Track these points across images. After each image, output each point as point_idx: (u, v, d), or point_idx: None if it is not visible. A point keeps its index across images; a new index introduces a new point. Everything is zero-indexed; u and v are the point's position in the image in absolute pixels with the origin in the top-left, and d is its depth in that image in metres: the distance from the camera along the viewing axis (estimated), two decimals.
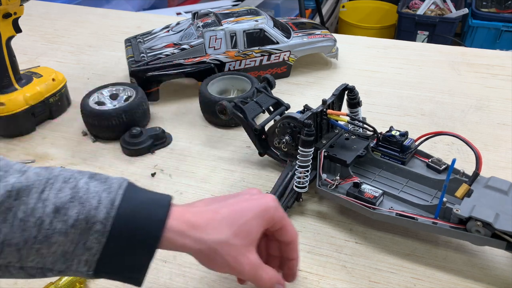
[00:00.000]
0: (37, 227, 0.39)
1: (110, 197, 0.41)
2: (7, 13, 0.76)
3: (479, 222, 0.51)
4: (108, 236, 0.40)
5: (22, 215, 0.39)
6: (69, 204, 0.40)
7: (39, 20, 1.34)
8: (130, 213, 0.41)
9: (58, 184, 0.41)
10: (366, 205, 0.58)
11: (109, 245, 0.41)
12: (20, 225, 0.39)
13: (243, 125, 0.72)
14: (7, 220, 0.39)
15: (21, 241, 0.39)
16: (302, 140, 0.60)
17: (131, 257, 0.42)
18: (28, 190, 0.40)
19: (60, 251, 0.41)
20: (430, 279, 0.55)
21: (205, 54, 0.90)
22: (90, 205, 0.41)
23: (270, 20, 0.94)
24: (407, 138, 0.64)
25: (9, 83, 0.81)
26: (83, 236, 0.40)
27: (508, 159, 0.74)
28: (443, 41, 2.38)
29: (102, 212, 0.41)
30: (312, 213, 0.65)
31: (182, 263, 0.58)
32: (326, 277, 0.56)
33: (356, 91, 0.70)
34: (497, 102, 0.89)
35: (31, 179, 0.41)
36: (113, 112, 0.78)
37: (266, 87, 0.77)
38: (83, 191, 0.41)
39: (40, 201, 0.40)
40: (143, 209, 0.42)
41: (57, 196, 0.40)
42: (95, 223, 0.40)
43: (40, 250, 0.40)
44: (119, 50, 1.13)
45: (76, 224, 0.40)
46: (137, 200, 0.43)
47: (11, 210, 0.39)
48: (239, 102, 0.71)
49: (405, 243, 0.60)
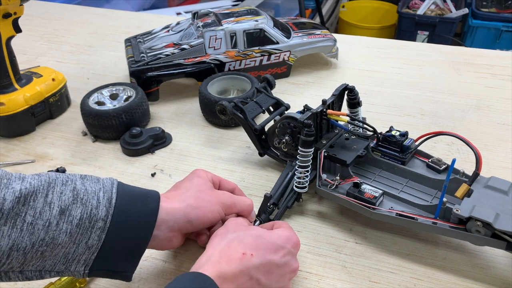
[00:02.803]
0: (45, 229, 0.42)
1: (106, 196, 0.45)
2: (7, 13, 0.76)
3: (479, 222, 0.51)
4: (107, 232, 0.44)
5: (30, 219, 0.41)
6: (72, 205, 0.43)
7: (39, 20, 1.34)
8: (124, 208, 0.46)
9: (58, 187, 0.44)
10: (366, 205, 0.58)
11: (108, 240, 0.45)
12: (28, 229, 0.41)
13: (243, 125, 0.72)
14: (16, 225, 0.41)
15: (29, 245, 0.41)
16: (302, 140, 0.60)
17: (126, 249, 0.46)
18: (34, 194, 0.42)
19: (62, 253, 0.43)
20: (430, 279, 0.55)
21: (205, 54, 0.90)
22: (91, 205, 0.44)
23: (270, 20, 0.94)
24: (407, 138, 0.64)
25: (9, 83, 0.81)
26: (85, 235, 0.44)
27: (508, 159, 0.73)
28: (443, 41, 2.38)
29: (102, 210, 0.44)
30: (312, 213, 0.65)
31: (182, 263, 0.58)
32: (326, 277, 0.56)
33: (356, 91, 0.70)
34: (497, 102, 0.89)
35: (34, 184, 0.42)
36: (113, 112, 0.78)
37: (266, 87, 0.77)
38: (82, 192, 0.44)
39: (46, 204, 0.42)
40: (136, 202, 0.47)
41: (60, 199, 0.43)
42: (97, 220, 0.44)
43: (44, 253, 0.42)
44: (119, 50, 1.13)
45: (80, 224, 0.43)
46: (129, 195, 0.47)
47: (19, 215, 0.41)
48: (239, 102, 0.71)
49: (405, 243, 0.60)
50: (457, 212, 0.52)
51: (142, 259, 0.59)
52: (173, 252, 0.60)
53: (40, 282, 0.55)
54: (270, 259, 0.47)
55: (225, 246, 0.46)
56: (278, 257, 0.48)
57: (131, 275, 0.48)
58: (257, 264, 0.46)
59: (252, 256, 0.46)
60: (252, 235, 0.48)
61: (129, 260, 0.47)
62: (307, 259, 0.58)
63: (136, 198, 0.48)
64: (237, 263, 0.45)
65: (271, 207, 0.61)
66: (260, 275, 0.46)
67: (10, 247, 0.41)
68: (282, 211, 0.62)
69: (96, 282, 0.56)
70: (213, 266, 0.44)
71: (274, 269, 0.47)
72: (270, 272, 0.47)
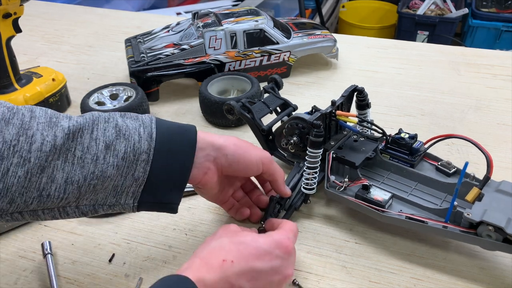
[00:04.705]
0: (94, 163, 0.45)
1: (147, 131, 0.48)
2: (7, 13, 0.76)
3: (490, 226, 0.50)
4: (151, 164, 0.48)
5: (79, 154, 0.45)
6: (116, 140, 0.46)
7: (39, 20, 1.34)
8: (165, 141, 0.49)
9: (102, 124, 0.47)
10: (376, 207, 0.57)
11: (152, 172, 0.48)
12: (79, 163, 0.45)
13: (250, 126, 0.70)
14: (67, 159, 0.44)
15: (81, 178, 0.45)
16: (311, 141, 0.59)
17: (170, 180, 0.49)
18: (81, 131, 0.45)
19: (111, 186, 0.47)
20: (430, 279, 0.55)
21: (205, 54, 0.90)
22: (133, 139, 0.47)
23: (270, 20, 0.94)
24: (416, 140, 0.63)
25: (9, 83, 0.81)
26: (131, 168, 0.47)
27: (508, 159, 0.73)
28: (443, 41, 2.38)
29: (144, 144, 0.47)
30: (314, 214, 0.65)
31: (182, 263, 0.58)
32: (326, 277, 0.56)
33: (366, 93, 0.68)
34: (497, 102, 0.89)
35: (80, 121, 0.46)
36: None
37: (273, 87, 0.75)
38: (124, 128, 0.48)
39: (92, 140, 0.46)
40: (175, 135, 0.50)
41: (104, 135, 0.46)
42: (141, 153, 0.47)
43: (96, 186, 0.46)
44: (119, 50, 1.13)
45: (125, 157, 0.46)
46: (168, 129, 0.50)
47: (69, 150, 0.44)
48: (246, 102, 0.70)
49: (405, 243, 0.60)
50: (468, 216, 0.51)
51: (143, 259, 0.59)
52: (173, 252, 0.60)
53: (40, 282, 0.55)
54: (252, 266, 0.45)
55: (206, 253, 0.46)
56: (262, 263, 0.46)
57: (176, 207, 0.51)
58: (238, 271, 0.45)
59: (233, 263, 0.45)
60: (234, 242, 0.47)
61: (174, 191, 0.50)
62: (307, 259, 0.58)
63: (174, 131, 0.51)
64: (216, 270, 0.44)
65: (277, 207, 0.60)
66: (242, 282, 0.45)
67: (65, 180, 0.44)
68: (290, 213, 0.62)
69: (96, 282, 0.56)
70: (193, 273, 0.43)
71: (259, 276, 0.46)
72: (255, 279, 0.46)
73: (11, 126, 0.42)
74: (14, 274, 0.57)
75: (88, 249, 0.60)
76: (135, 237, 0.62)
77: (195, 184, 0.54)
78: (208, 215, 0.65)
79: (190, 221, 0.64)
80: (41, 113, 0.45)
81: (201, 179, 0.53)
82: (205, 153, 0.52)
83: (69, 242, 0.61)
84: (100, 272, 0.57)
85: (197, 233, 0.62)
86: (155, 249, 0.60)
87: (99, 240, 0.62)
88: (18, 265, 0.58)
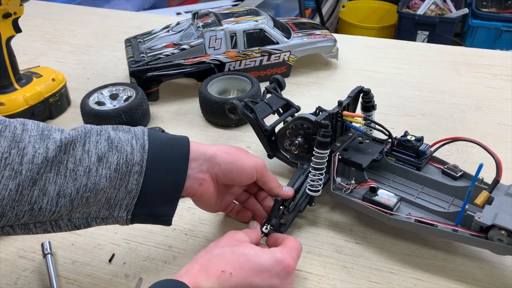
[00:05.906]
0: (86, 175, 0.45)
1: (139, 142, 0.48)
2: (7, 13, 0.76)
3: (503, 230, 0.49)
4: (144, 176, 0.47)
5: (72, 166, 0.44)
6: (108, 153, 0.46)
7: (39, 20, 1.34)
8: (157, 153, 0.49)
9: (94, 137, 0.47)
10: (383, 210, 0.56)
11: (146, 184, 0.47)
12: (71, 175, 0.44)
13: (253, 126, 0.70)
14: (60, 172, 0.44)
15: (74, 191, 0.44)
16: (318, 142, 0.58)
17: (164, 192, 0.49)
18: (73, 144, 0.45)
19: (104, 198, 0.46)
20: (430, 279, 0.55)
21: (205, 54, 0.90)
22: (126, 151, 0.47)
23: (270, 20, 0.94)
24: (422, 143, 0.62)
25: (9, 83, 0.81)
26: (124, 180, 0.47)
27: (508, 159, 0.73)
28: (443, 41, 2.38)
29: (137, 156, 0.47)
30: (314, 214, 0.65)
31: (182, 263, 0.58)
32: (326, 277, 0.56)
33: (372, 94, 0.68)
34: (497, 102, 0.89)
35: (72, 134, 0.46)
36: (113, 112, 0.78)
37: (276, 88, 0.74)
38: (116, 140, 0.47)
39: (85, 152, 0.45)
40: (167, 147, 0.50)
41: (97, 147, 0.46)
42: (133, 165, 0.47)
43: (89, 199, 0.45)
44: (119, 50, 1.13)
45: (118, 169, 0.46)
46: (161, 141, 0.50)
47: (62, 162, 0.44)
48: (249, 102, 0.69)
49: (405, 243, 0.60)
50: (479, 219, 0.50)
51: (142, 259, 0.59)
52: (173, 252, 0.60)
53: (39, 282, 0.55)
54: (250, 281, 0.45)
55: (207, 260, 0.45)
56: (261, 280, 0.45)
57: (170, 219, 0.51)
58: (235, 284, 0.44)
59: (231, 275, 0.44)
60: (237, 253, 0.46)
61: (168, 204, 0.50)
62: (307, 259, 0.58)
63: (167, 143, 0.50)
64: (214, 279, 0.43)
65: (282, 209, 0.58)
66: None
67: (57, 193, 0.43)
68: (294, 216, 0.60)
69: (96, 282, 0.56)
70: (191, 278, 0.43)
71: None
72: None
73: (3, 138, 0.42)
74: (14, 274, 0.57)
75: (88, 249, 0.60)
76: (135, 237, 0.62)
77: (191, 196, 0.54)
78: (208, 215, 0.65)
79: (190, 221, 0.64)
80: (33, 126, 0.45)
81: (197, 191, 0.53)
82: (198, 164, 0.52)
83: (69, 242, 0.61)
84: (100, 272, 0.57)
85: (197, 233, 0.62)
86: (155, 249, 0.60)
87: (99, 240, 0.62)
88: (18, 265, 0.58)
